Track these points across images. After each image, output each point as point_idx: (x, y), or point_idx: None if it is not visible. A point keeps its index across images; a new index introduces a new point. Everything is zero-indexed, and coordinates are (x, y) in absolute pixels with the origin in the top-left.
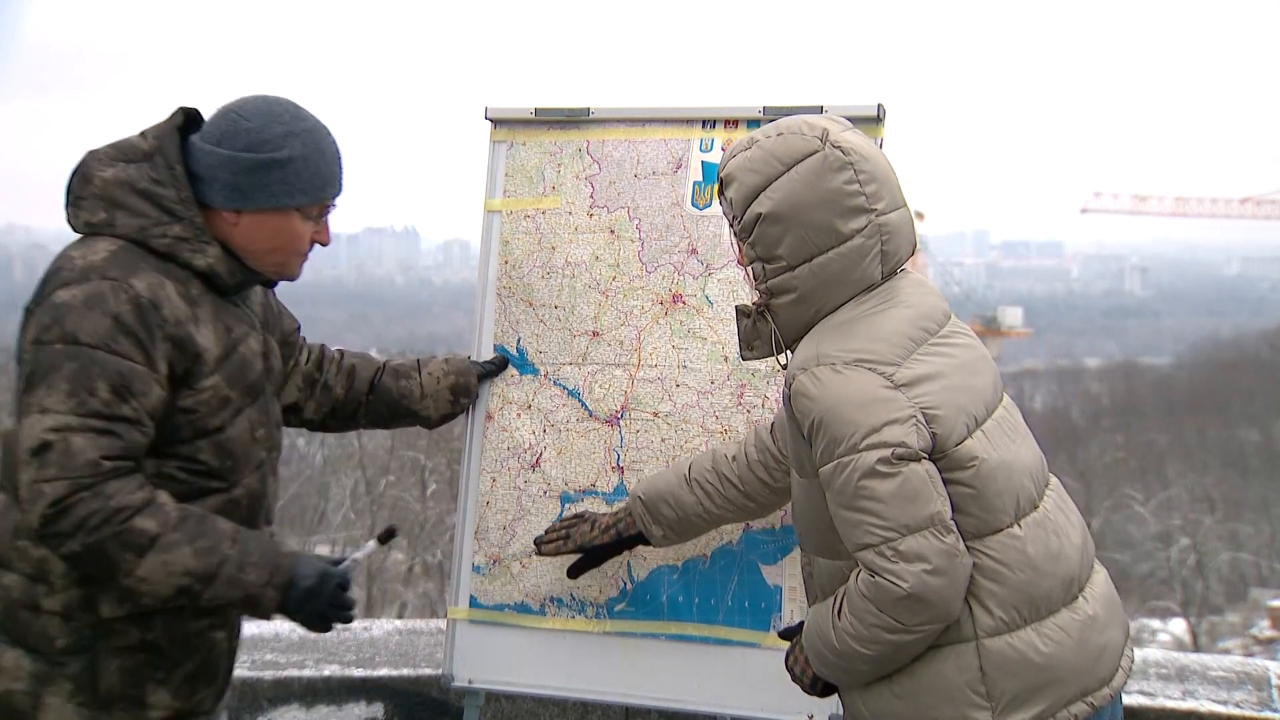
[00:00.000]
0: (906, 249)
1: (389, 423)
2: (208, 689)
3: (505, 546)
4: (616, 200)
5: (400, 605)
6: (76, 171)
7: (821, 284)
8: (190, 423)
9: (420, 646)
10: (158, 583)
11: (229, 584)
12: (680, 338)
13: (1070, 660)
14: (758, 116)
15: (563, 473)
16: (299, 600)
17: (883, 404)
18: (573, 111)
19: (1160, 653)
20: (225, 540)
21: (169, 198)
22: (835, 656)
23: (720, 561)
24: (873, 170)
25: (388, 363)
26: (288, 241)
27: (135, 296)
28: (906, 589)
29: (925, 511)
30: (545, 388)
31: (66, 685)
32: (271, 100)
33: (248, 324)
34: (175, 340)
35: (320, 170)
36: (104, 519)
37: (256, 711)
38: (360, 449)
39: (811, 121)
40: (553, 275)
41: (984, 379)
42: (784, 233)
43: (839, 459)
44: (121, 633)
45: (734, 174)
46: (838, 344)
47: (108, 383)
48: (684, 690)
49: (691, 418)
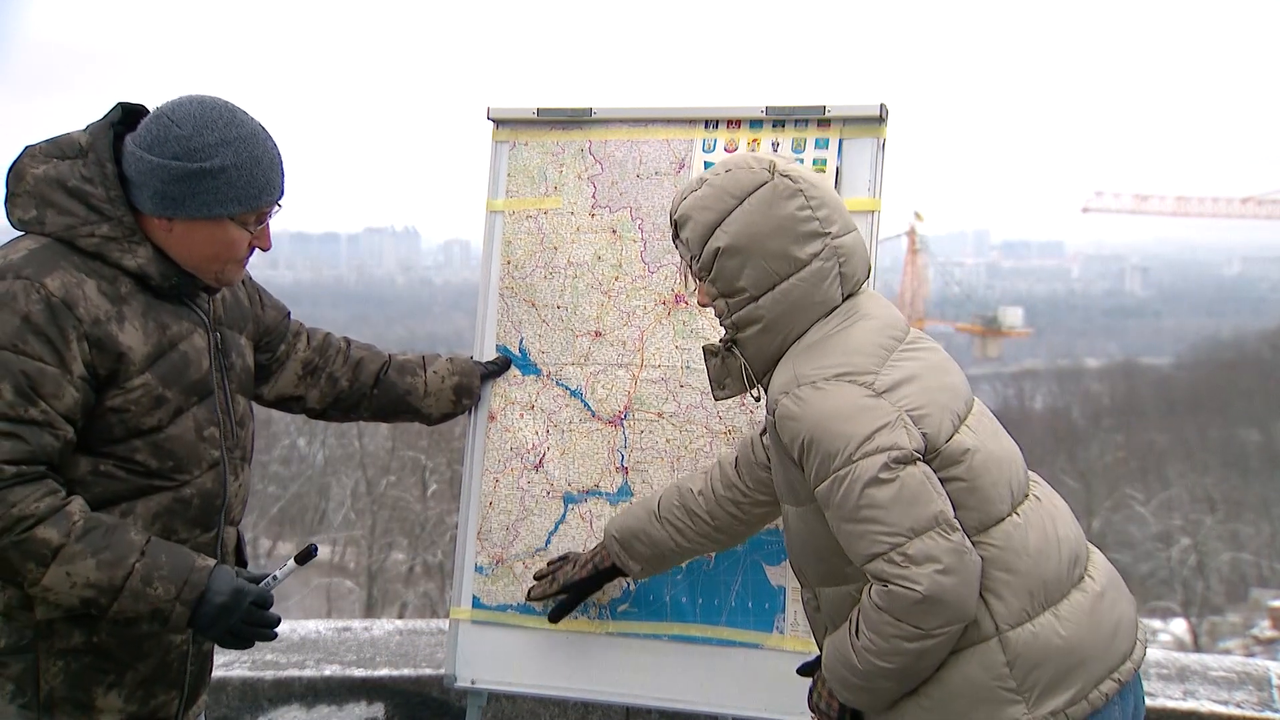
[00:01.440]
0: (863, 270)
1: (390, 417)
2: (168, 693)
3: (508, 547)
4: (619, 200)
5: (401, 605)
6: (12, 167)
7: (786, 311)
8: (121, 422)
9: (421, 647)
10: (61, 593)
11: (134, 598)
12: (683, 338)
13: (1090, 639)
14: (760, 116)
15: (566, 473)
16: (210, 617)
17: (869, 412)
18: (575, 112)
19: (1161, 653)
20: (133, 553)
21: (98, 196)
22: (859, 678)
23: (724, 562)
24: (822, 196)
25: (393, 357)
26: (222, 250)
27: (47, 296)
28: (921, 592)
29: (928, 512)
30: (548, 388)
31: (8, 686)
32: (206, 104)
33: (191, 321)
34: (93, 340)
35: (255, 178)
36: (5, 527)
37: (257, 711)
38: (361, 449)
39: (758, 156)
40: (555, 275)
41: (956, 378)
42: (743, 264)
43: (835, 474)
44: (64, 634)
45: (688, 213)
46: (813, 363)
47: (12, 384)
48: (686, 691)
49: (696, 418)
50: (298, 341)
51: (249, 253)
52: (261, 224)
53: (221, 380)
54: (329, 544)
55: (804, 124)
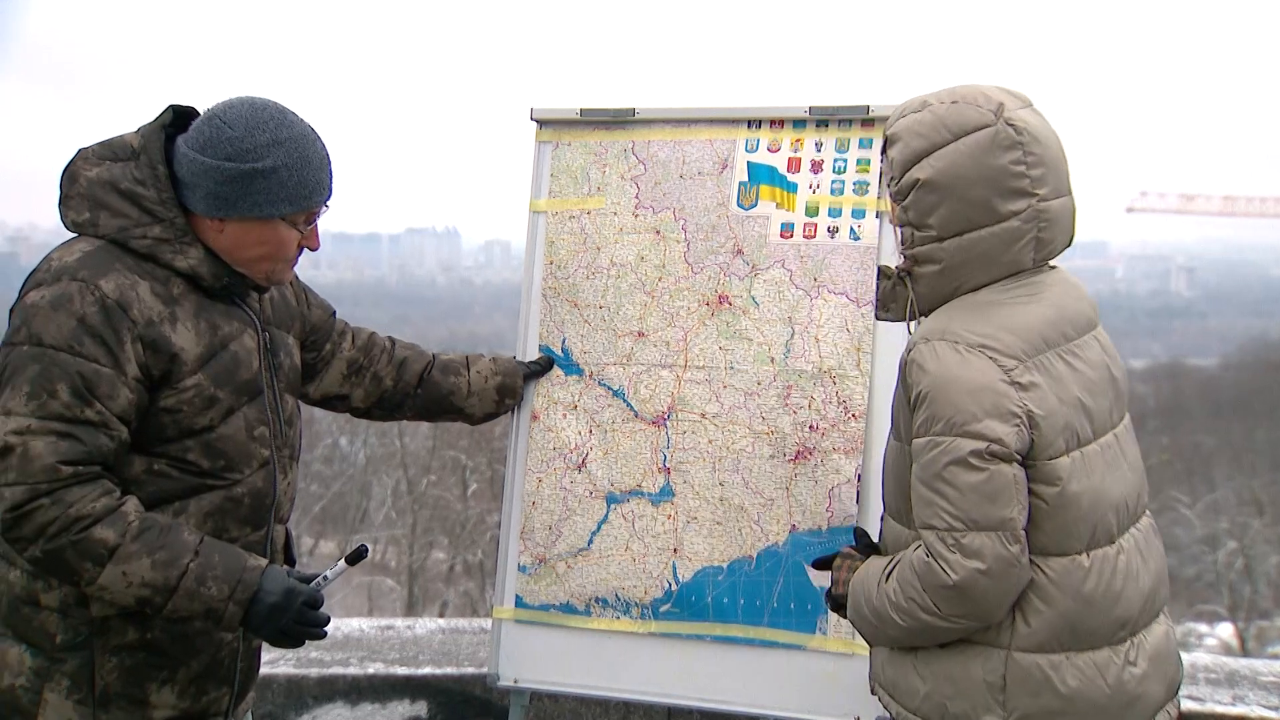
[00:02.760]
0: (1063, 240)
1: (433, 416)
2: (219, 689)
3: (551, 547)
4: (662, 201)
5: (441, 604)
6: (66, 170)
7: (967, 260)
8: (175, 422)
9: (463, 645)
10: (117, 592)
11: (189, 597)
12: (726, 339)
13: (1097, 701)
14: (804, 116)
15: (608, 473)
16: (263, 616)
17: (994, 396)
18: (618, 112)
19: (1209, 657)
20: (187, 553)
21: (150, 198)
22: (870, 612)
23: (766, 563)
24: (1042, 154)
25: (437, 357)
26: (273, 249)
27: (102, 298)
28: (954, 580)
29: (1000, 514)
30: (591, 388)
31: (65, 682)
32: (257, 105)
33: (241, 321)
34: (147, 341)
35: (305, 179)
36: (62, 527)
37: (302, 709)
38: (402, 448)
39: (988, 93)
40: (598, 276)
41: (1103, 402)
42: (939, 203)
43: (934, 436)
44: (119, 630)
45: (900, 134)
46: (968, 324)
47: (69, 385)
48: (728, 691)
49: (739, 419)
50: (343, 340)
51: (298, 252)
52: (311, 224)
53: (271, 380)
54: (370, 542)
55: (848, 124)
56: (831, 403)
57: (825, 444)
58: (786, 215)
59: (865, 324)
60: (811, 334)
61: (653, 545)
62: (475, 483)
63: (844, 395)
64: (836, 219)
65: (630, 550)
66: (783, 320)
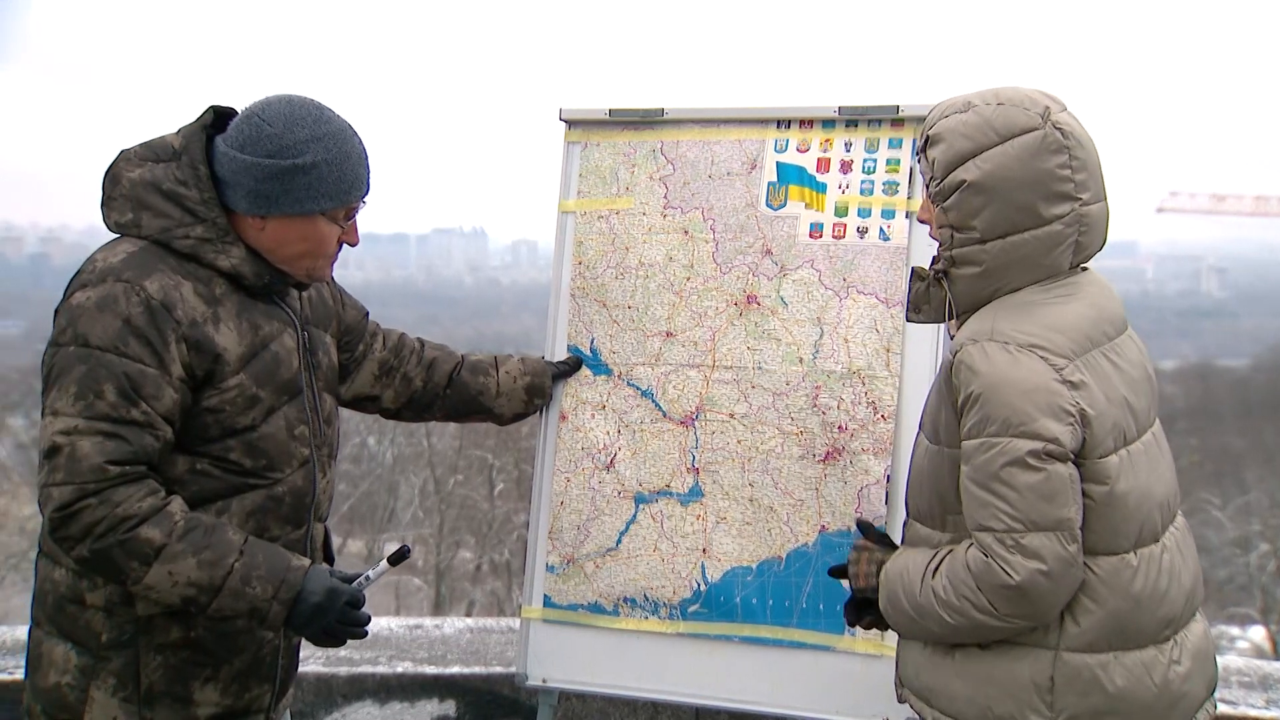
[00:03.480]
0: (1099, 243)
1: (462, 417)
2: (261, 686)
3: (579, 546)
4: (690, 201)
5: (468, 603)
6: (108, 171)
7: (1009, 264)
8: (217, 422)
9: (491, 645)
10: (163, 591)
11: (234, 596)
12: (755, 339)
13: (1144, 700)
14: (833, 116)
15: (637, 473)
16: (306, 616)
17: (1048, 395)
18: (647, 112)
19: (1242, 660)
20: (232, 553)
21: (192, 199)
22: (911, 607)
23: (795, 564)
24: (1085, 158)
25: (466, 357)
26: (314, 246)
27: (147, 299)
28: (1016, 581)
29: (1058, 514)
30: (619, 388)
31: (110, 680)
32: (295, 102)
33: (281, 321)
34: (191, 341)
35: (345, 174)
36: (109, 527)
37: (332, 707)
38: (429, 448)
39: (1033, 96)
40: (626, 276)
41: (1143, 401)
42: (984, 205)
43: (988, 438)
44: (163, 629)
45: (943, 135)
46: (1015, 324)
47: (115, 385)
48: (756, 692)
49: (767, 419)
50: (375, 342)
51: (338, 249)
52: (350, 219)
53: (310, 379)
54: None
55: (877, 124)
56: (861, 403)
57: (854, 445)
58: (815, 215)
59: (895, 324)
60: (840, 334)
61: (681, 545)
62: (502, 482)
63: (873, 396)
64: (866, 219)
65: (659, 550)
66: (811, 320)
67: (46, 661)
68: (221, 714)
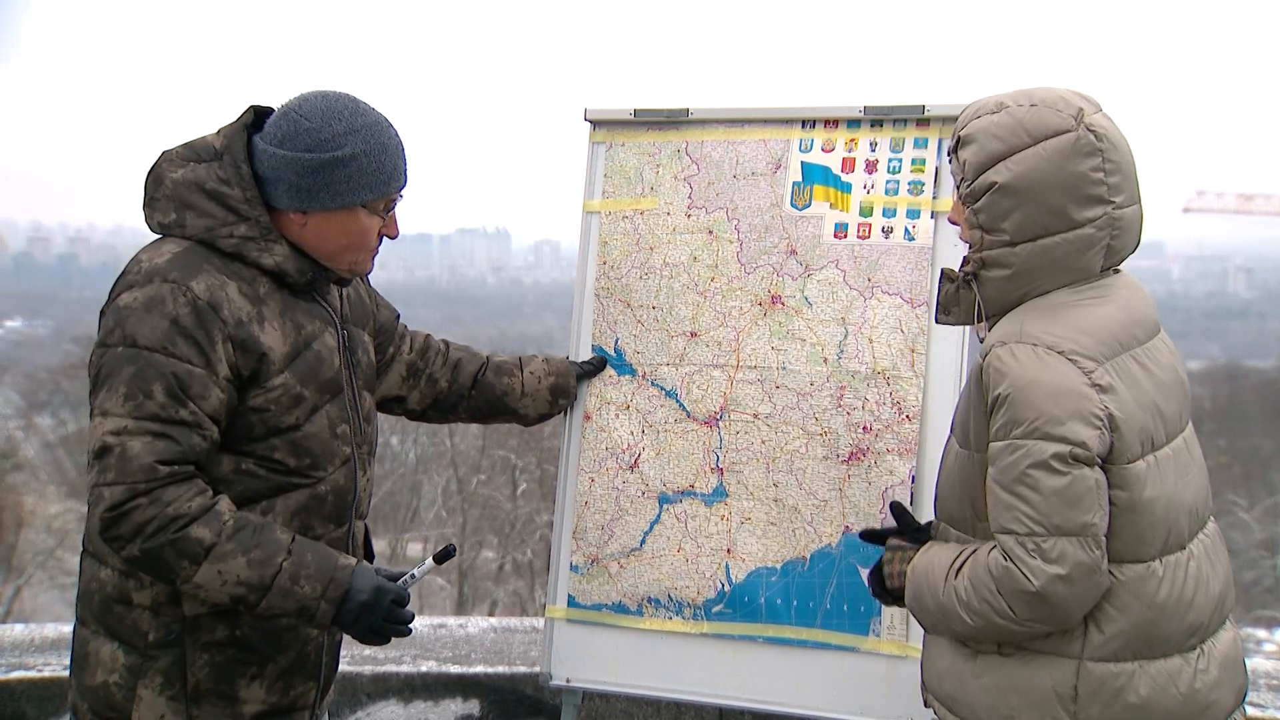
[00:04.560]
0: (1132, 246)
1: (487, 419)
2: (306, 684)
3: (603, 546)
4: (715, 201)
5: (491, 603)
6: (150, 172)
7: (1039, 267)
8: (263, 421)
9: (515, 644)
10: (213, 590)
11: (283, 595)
12: (779, 339)
13: (1169, 709)
14: (858, 116)
15: (661, 473)
16: (354, 614)
17: (1075, 398)
18: (671, 112)
19: (1270, 663)
20: (281, 552)
21: (235, 197)
22: (933, 603)
23: (819, 564)
24: (1119, 161)
25: (490, 358)
26: (356, 239)
27: (194, 299)
28: (1036, 587)
29: (1082, 519)
30: (643, 388)
31: (158, 678)
32: (330, 97)
33: (323, 320)
34: (237, 341)
35: (383, 165)
36: (160, 526)
37: (356, 706)
38: (452, 448)
39: (1067, 97)
40: (651, 276)
41: (1174, 406)
42: (1014, 207)
43: (1014, 439)
44: (209, 628)
45: (975, 136)
46: (1044, 326)
47: (164, 385)
48: (780, 693)
49: (791, 419)
50: (403, 344)
51: (379, 242)
52: (390, 211)
53: (350, 377)
54: (420, 540)
55: (903, 124)
56: (885, 404)
57: (879, 445)
58: (840, 215)
59: (920, 325)
60: (865, 335)
61: (705, 546)
62: (525, 482)
63: (898, 396)
64: (891, 219)
65: (683, 550)
66: (836, 321)
67: (94, 660)
68: (267, 711)
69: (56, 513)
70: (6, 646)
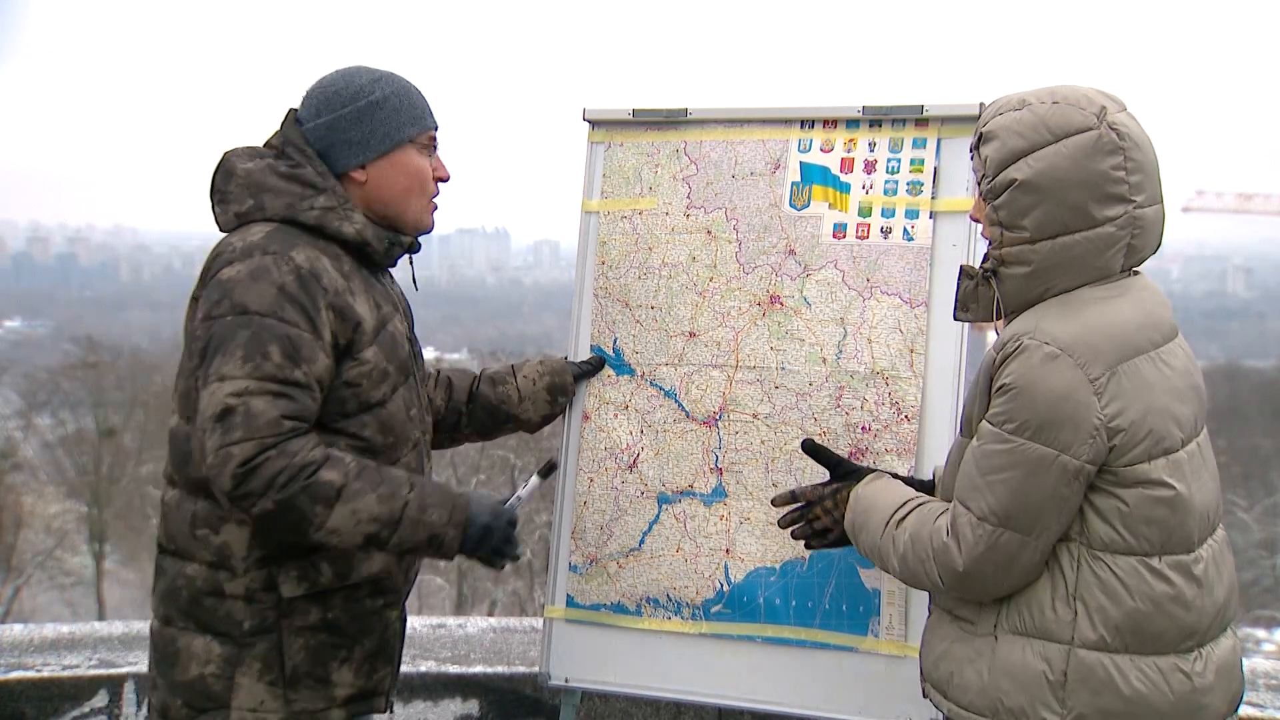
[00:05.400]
0: (1153, 246)
1: (491, 431)
2: (385, 668)
3: (602, 546)
4: (714, 201)
5: (490, 603)
6: (219, 170)
7: (1058, 265)
8: (355, 395)
9: (514, 644)
10: (347, 533)
11: (414, 526)
12: (778, 339)
13: (1159, 707)
14: (857, 116)
15: (660, 473)
16: (477, 538)
17: (1074, 405)
18: (670, 112)
19: (1269, 663)
20: (404, 485)
21: (308, 174)
22: (867, 542)
23: (818, 564)
24: (1142, 160)
25: (483, 372)
26: (414, 180)
27: (297, 267)
28: (963, 569)
29: (1038, 522)
30: (642, 388)
31: (256, 665)
32: (339, 67)
33: (392, 304)
34: (336, 309)
35: (414, 100)
36: (291, 475)
37: None
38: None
39: (1090, 95)
40: (649, 276)
41: (1189, 409)
42: (1035, 204)
43: (1004, 431)
44: (303, 612)
45: (996, 132)
46: (1060, 325)
47: (279, 347)
48: (779, 693)
49: (791, 419)
50: None
51: (435, 190)
52: (434, 152)
53: (414, 364)
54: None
55: (901, 124)
56: (884, 404)
57: (878, 445)
58: (839, 216)
59: (919, 325)
60: (864, 335)
61: (704, 546)
62: (524, 482)
63: (897, 396)
64: (890, 219)
65: (682, 551)
66: (835, 321)
67: (185, 656)
68: (355, 695)
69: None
70: (6, 647)
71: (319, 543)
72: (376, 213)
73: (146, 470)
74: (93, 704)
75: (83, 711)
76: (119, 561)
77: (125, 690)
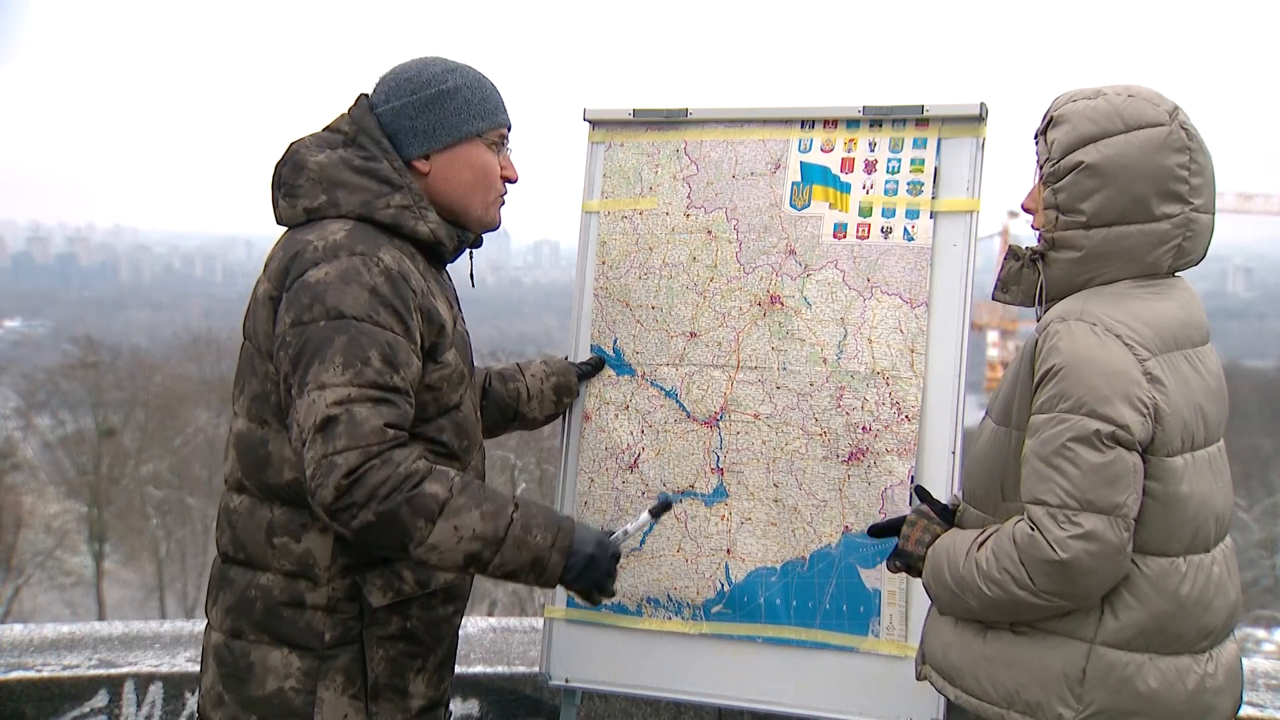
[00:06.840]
0: (1201, 252)
1: (499, 429)
2: (450, 678)
3: None
4: (714, 201)
5: (490, 603)
6: (286, 162)
7: (1109, 254)
8: (435, 399)
9: (514, 644)
10: (448, 550)
11: (517, 547)
12: (779, 339)
13: (1175, 706)
14: (857, 116)
15: (661, 474)
16: (579, 568)
17: (1126, 382)
18: (671, 112)
19: (1269, 663)
20: (509, 504)
21: (385, 170)
22: (952, 579)
23: (818, 565)
24: (1204, 165)
25: (490, 369)
26: (481, 174)
27: (386, 269)
28: (1060, 557)
29: (1116, 499)
30: (642, 388)
31: (339, 678)
32: (416, 57)
33: (456, 302)
34: (424, 311)
35: (488, 95)
36: (394, 486)
37: None
38: None
39: (1163, 95)
40: (650, 276)
41: (1216, 411)
42: (1096, 189)
43: (1059, 413)
44: (384, 622)
45: (1068, 116)
46: (1105, 309)
47: (379, 353)
48: (779, 693)
49: (791, 419)
50: None
51: (503, 188)
52: (504, 150)
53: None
54: None
55: (902, 123)
56: (885, 404)
57: (878, 445)
58: (840, 215)
59: (919, 325)
60: (864, 335)
61: (705, 546)
62: (524, 482)
63: (897, 396)
64: (890, 219)
65: (682, 551)
66: (835, 321)
67: (260, 670)
68: (427, 706)
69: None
70: (6, 647)
71: (419, 560)
72: (440, 206)
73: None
74: (93, 704)
75: (83, 711)
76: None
77: (125, 690)
